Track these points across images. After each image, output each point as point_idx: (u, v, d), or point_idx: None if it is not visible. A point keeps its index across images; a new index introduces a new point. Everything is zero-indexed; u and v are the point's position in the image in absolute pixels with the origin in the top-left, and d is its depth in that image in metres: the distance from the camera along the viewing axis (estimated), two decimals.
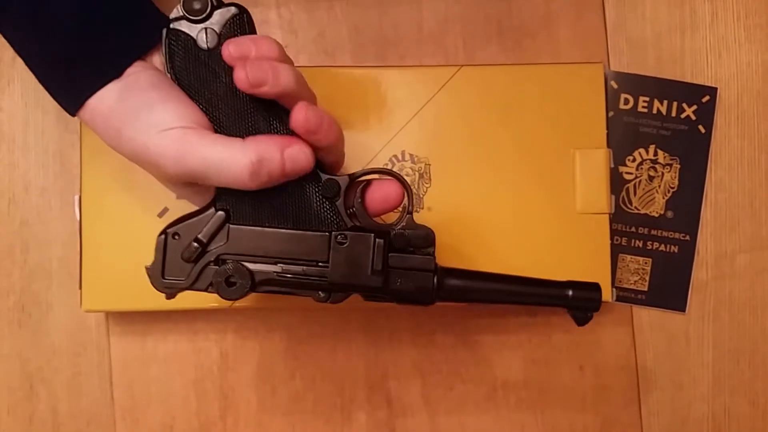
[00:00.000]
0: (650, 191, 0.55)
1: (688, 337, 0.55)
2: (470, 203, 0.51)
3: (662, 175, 0.55)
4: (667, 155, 0.55)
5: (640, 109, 0.55)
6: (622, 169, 0.55)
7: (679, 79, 0.55)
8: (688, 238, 0.55)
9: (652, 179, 0.55)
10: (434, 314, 0.54)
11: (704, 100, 0.55)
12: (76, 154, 0.51)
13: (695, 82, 0.55)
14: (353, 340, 0.54)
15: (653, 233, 0.55)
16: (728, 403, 0.55)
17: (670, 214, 0.55)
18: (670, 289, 0.55)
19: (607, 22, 0.56)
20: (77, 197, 0.50)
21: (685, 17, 0.56)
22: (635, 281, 0.55)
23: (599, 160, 0.52)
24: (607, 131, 0.52)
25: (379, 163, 0.52)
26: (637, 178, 0.55)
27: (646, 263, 0.55)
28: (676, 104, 0.55)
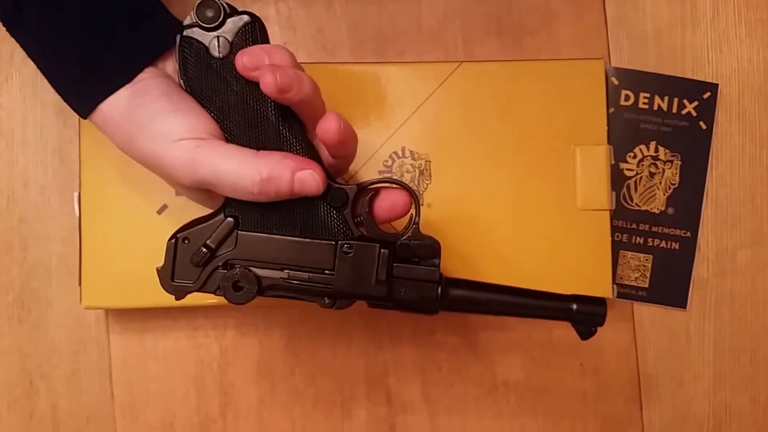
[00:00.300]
0: (651, 188, 0.55)
1: (688, 333, 0.55)
2: (470, 200, 0.51)
3: (663, 171, 0.55)
4: (668, 152, 0.55)
5: (640, 105, 0.55)
6: (622, 165, 0.55)
7: (680, 75, 0.55)
8: (689, 234, 0.55)
9: (652, 176, 0.55)
10: None
11: (705, 96, 0.55)
12: (75, 150, 0.51)
13: (696, 78, 0.55)
14: (353, 336, 0.54)
15: (654, 230, 0.55)
16: (729, 399, 0.55)
17: (670, 210, 0.55)
18: (670, 285, 0.55)
19: (607, 17, 0.55)
20: (76, 194, 0.50)
21: (686, 13, 0.56)
22: (636, 278, 0.55)
23: (600, 156, 0.52)
24: (607, 127, 0.52)
25: (379, 159, 0.51)
26: (637, 174, 0.55)
27: (646, 260, 0.55)
28: (677, 100, 0.55)
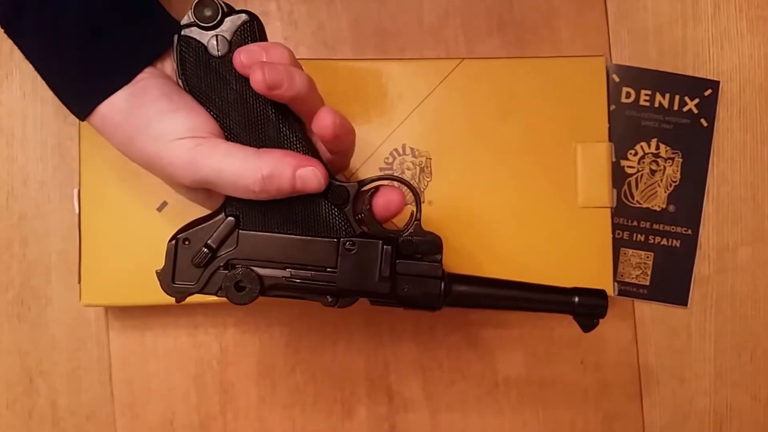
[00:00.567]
0: (652, 185, 0.55)
1: (689, 331, 0.55)
2: (471, 197, 0.51)
3: (664, 168, 0.55)
4: (669, 149, 0.55)
5: (641, 102, 0.55)
6: (623, 162, 0.55)
7: (681, 72, 0.55)
8: (690, 231, 0.55)
9: (654, 173, 0.55)
10: None
11: (706, 93, 0.55)
12: (75, 147, 0.51)
13: (697, 75, 0.55)
14: (354, 334, 0.54)
15: (655, 227, 0.55)
16: (730, 397, 0.55)
17: (672, 207, 0.55)
18: (671, 283, 0.55)
19: (608, 14, 0.55)
20: (76, 191, 0.50)
21: (687, 9, 0.55)
22: (637, 275, 0.55)
23: (601, 153, 0.52)
24: (608, 125, 0.52)
25: (380, 157, 0.51)
26: (639, 171, 0.55)
27: (647, 257, 0.55)
28: (678, 97, 0.55)
